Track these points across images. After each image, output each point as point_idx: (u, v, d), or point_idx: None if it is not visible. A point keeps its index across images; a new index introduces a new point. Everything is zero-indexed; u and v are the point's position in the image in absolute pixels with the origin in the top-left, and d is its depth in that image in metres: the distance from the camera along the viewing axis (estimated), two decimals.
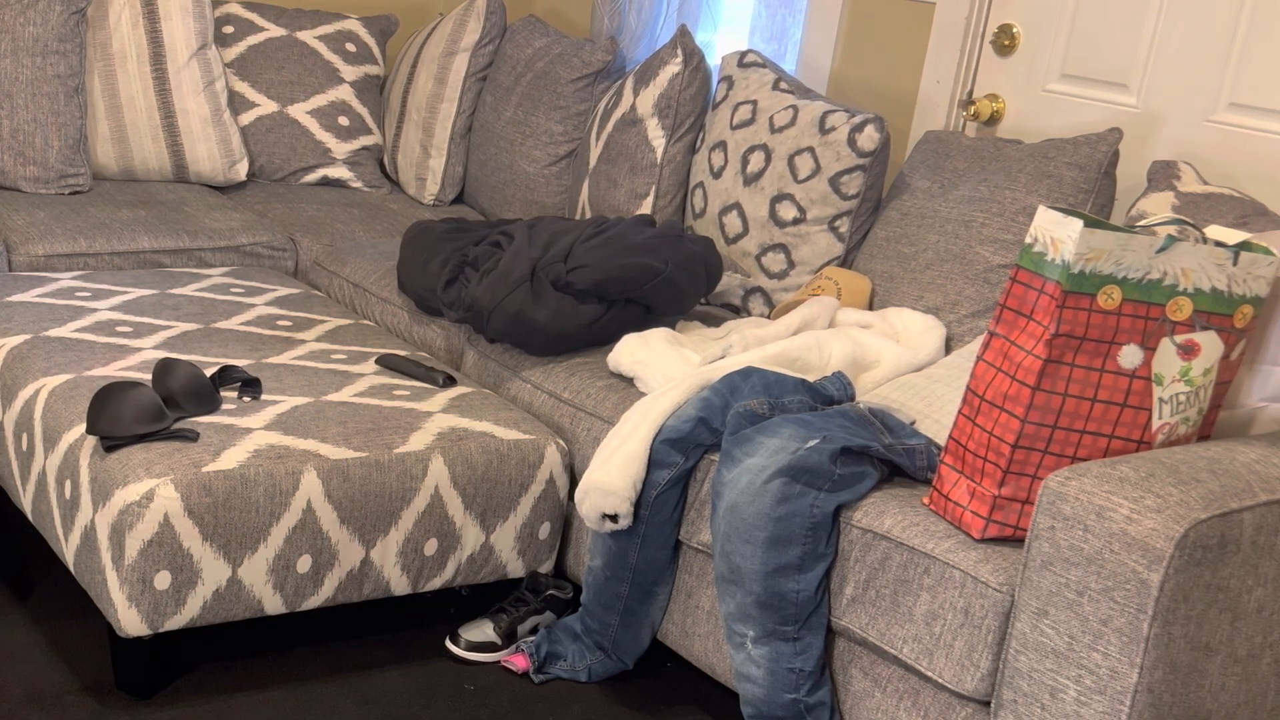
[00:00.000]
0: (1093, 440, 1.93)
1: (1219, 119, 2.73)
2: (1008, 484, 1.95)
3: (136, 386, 2.19)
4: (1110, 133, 2.67)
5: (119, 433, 2.13)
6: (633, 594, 2.34)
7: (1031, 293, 1.91)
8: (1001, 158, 2.77)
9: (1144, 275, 1.89)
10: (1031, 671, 1.82)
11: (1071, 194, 2.64)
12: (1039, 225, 1.90)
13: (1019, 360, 1.92)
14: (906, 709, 2.03)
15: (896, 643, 2.01)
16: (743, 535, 2.08)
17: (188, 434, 2.17)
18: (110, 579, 2.08)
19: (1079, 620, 1.76)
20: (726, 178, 3.04)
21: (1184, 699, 1.78)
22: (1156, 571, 1.69)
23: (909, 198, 2.87)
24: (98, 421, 2.14)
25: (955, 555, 1.96)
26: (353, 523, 2.23)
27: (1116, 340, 1.90)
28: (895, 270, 2.81)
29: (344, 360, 2.63)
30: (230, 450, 2.16)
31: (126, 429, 2.13)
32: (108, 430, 2.13)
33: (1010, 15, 3.08)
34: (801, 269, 2.92)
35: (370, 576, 2.28)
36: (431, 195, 3.83)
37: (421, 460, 2.29)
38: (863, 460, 2.12)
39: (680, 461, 2.28)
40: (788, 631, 2.08)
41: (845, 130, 2.85)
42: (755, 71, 3.14)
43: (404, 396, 2.48)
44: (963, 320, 2.67)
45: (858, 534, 2.06)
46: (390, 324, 3.04)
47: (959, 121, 3.17)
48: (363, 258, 3.23)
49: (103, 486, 2.10)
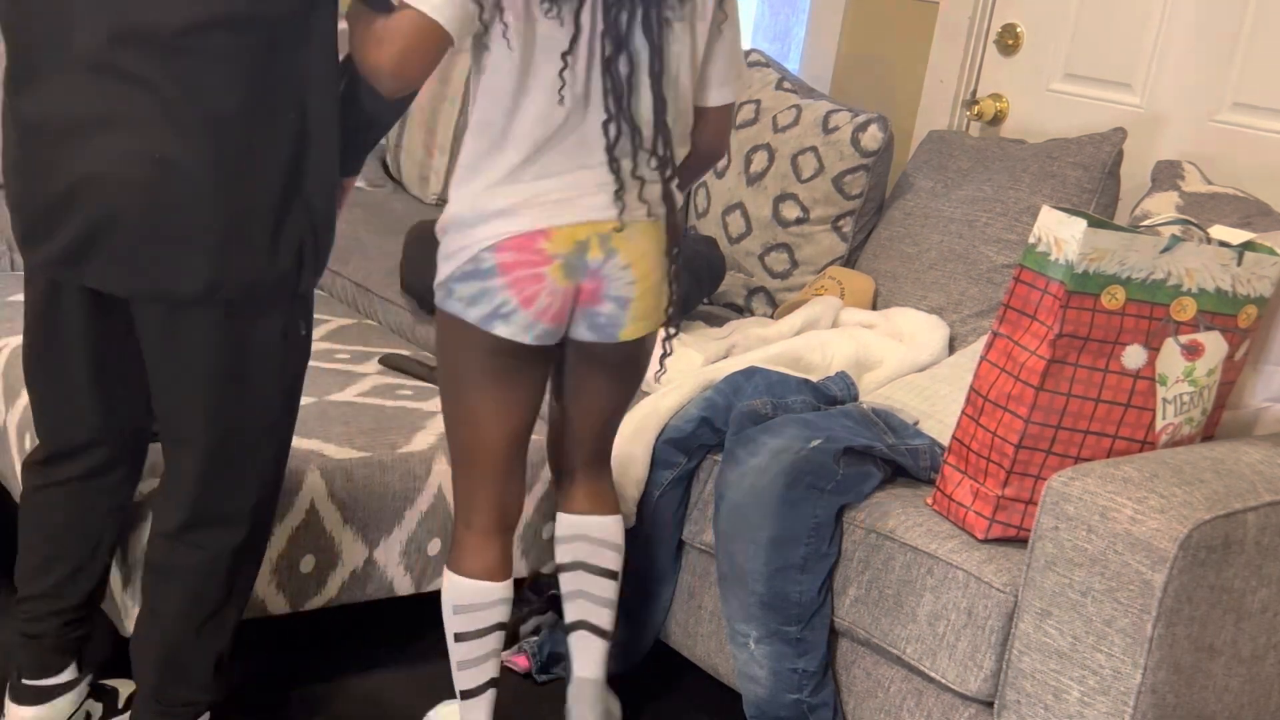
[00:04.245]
0: (1096, 441, 1.92)
1: (1223, 119, 2.73)
2: (1011, 484, 1.94)
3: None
4: (1114, 132, 2.67)
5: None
6: (635, 594, 2.34)
7: (1035, 293, 1.91)
8: (1005, 157, 2.77)
9: (1148, 275, 1.89)
10: (1035, 672, 1.82)
11: (1075, 194, 2.63)
12: (1043, 225, 1.90)
13: (1022, 360, 1.92)
14: (910, 709, 2.03)
15: (900, 643, 2.01)
16: (746, 535, 2.08)
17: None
18: (114, 579, 2.08)
19: (1083, 621, 1.76)
20: (730, 177, 3.04)
21: (1188, 700, 1.78)
22: (1160, 572, 1.69)
23: (912, 197, 2.87)
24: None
25: (959, 556, 1.95)
26: (356, 522, 2.23)
27: (1120, 340, 1.90)
28: (899, 270, 2.81)
29: (347, 360, 2.62)
30: None
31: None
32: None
33: (1014, 15, 3.08)
34: (805, 269, 2.92)
35: (373, 576, 2.28)
36: (435, 194, 3.83)
37: (425, 460, 2.29)
38: (866, 460, 2.12)
39: (683, 462, 2.28)
40: (791, 632, 2.07)
41: (849, 130, 2.85)
42: (758, 71, 3.14)
43: (407, 396, 2.48)
44: (966, 320, 2.66)
45: (861, 534, 2.06)
46: (393, 323, 3.04)
47: (963, 121, 3.16)
48: (365, 257, 3.23)
49: None
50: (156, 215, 1.65)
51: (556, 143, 1.78)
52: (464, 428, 1.92)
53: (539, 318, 1.82)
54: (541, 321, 1.82)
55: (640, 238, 1.84)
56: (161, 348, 1.76)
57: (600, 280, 1.83)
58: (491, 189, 1.79)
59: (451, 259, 1.82)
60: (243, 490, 1.86)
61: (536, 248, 1.79)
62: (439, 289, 1.86)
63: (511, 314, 1.81)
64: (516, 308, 1.80)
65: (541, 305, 1.81)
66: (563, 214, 1.79)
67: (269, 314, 1.77)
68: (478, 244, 1.79)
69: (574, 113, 1.78)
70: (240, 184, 1.67)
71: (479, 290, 1.80)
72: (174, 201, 1.65)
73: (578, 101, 1.77)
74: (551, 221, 1.78)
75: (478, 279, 1.80)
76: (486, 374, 1.88)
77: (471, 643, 1.97)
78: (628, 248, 1.83)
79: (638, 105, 1.79)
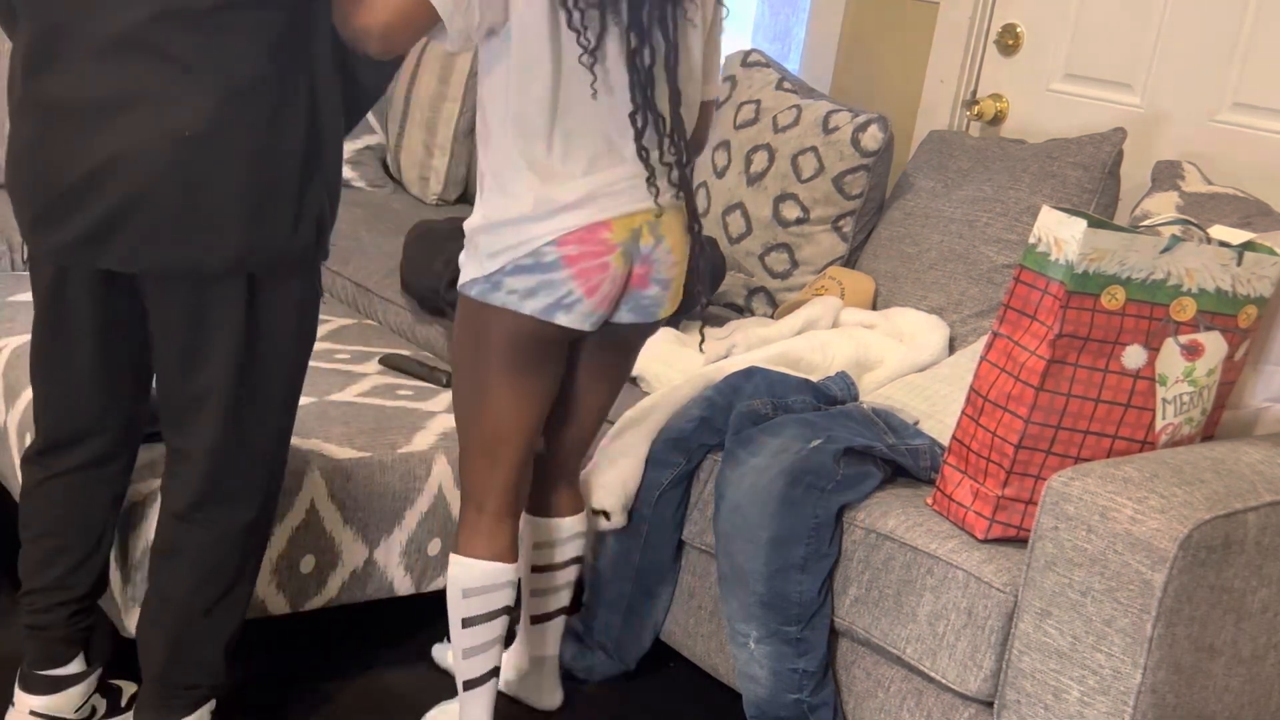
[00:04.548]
0: (1096, 441, 1.92)
1: (1223, 119, 2.73)
2: (1011, 484, 1.94)
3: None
4: (1114, 132, 2.67)
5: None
6: (635, 594, 2.34)
7: (1035, 293, 1.91)
8: (1005, 157, 2.77)
9: (1148, 275, 1.89)
10: (1035, 672, 1.82)
11: (1075, 194, 2.63)
12: (1043, 225, 1.90)
13: (1022, 360, 1.92)
14: (910, 709, 2.03)
15: (900, 643, 2.01)
16: (746, 535, 2.08)
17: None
18: (114, 579, 2.08)
19: (1082, 621, 1.76)
20: (730, 177, 3.04)
21: (1188, 700, 1.78)
22: (1160, 572, 1.69)
23: (912, 197, 2.87)
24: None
25: (959, 556, 1.95)
26: (356, 522, 2.23)
27: (1120, 341, 1.90)
28: (899, 270, 2.81)
29: (347, 360, 2.62)
30: None
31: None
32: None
33: (1014, 15, 3.08)
34: (805, 269, 2.92)
35: (374, 576, 2.28)
36: (435, 194, 3.83)
37: (425, 460, 2.29)
38: (866, 460, 2.12)
39: (683, 461, 2.28)
40: (790, 632, 2.07)
41: (849, 130, 2.85)
42: (759, 71, 3.14)
43: (407, 396, 2.48)
44: (966, 320, 2.66)
45: (861, 534, 2.06)
46: (393, 324, 3.04)
47: (963, 121, 3.16)
48: (365, 257, 3.23)
49: None
50: (187, 191, 1.68)
51: (595, 136, 1.84)
52: (489, 416, 1.96)
53: (599, 306, 1.89)
54: (600, 309, 1.90)
55: (674, 221, 1.92)
56: (184, 325, 1.77)
57: (650, 265, 1.91)
58: (547, 184, 1.83)
59: (501, 254, 1.85)
60: (254, 467, 1.88)
61: (600, 238, 1.85)
62: (478, 283, 1.88)
63: (575, 304, 1.86)
64: (580, 298, 1.86)
65: (604, 294, 1.88)
66: (619, 204, 1.86)
67: (289, 285, 1.81)
68: (539, 238, 1.83)
69: (606, 106, 1.83)
70: (266, 158, 1.71)
71: (539, 283, 1.85)
72: (203, 177, 1.68)
73: (608, 94, 1.83)
74: (612, 212, 1.85)
75: (538, 272, 1.84)
76: (519, 364, 1.92)
77: (480, 627, 2.01)
78: (670, 232, 1.91)
79: (658, 97, 1.86)
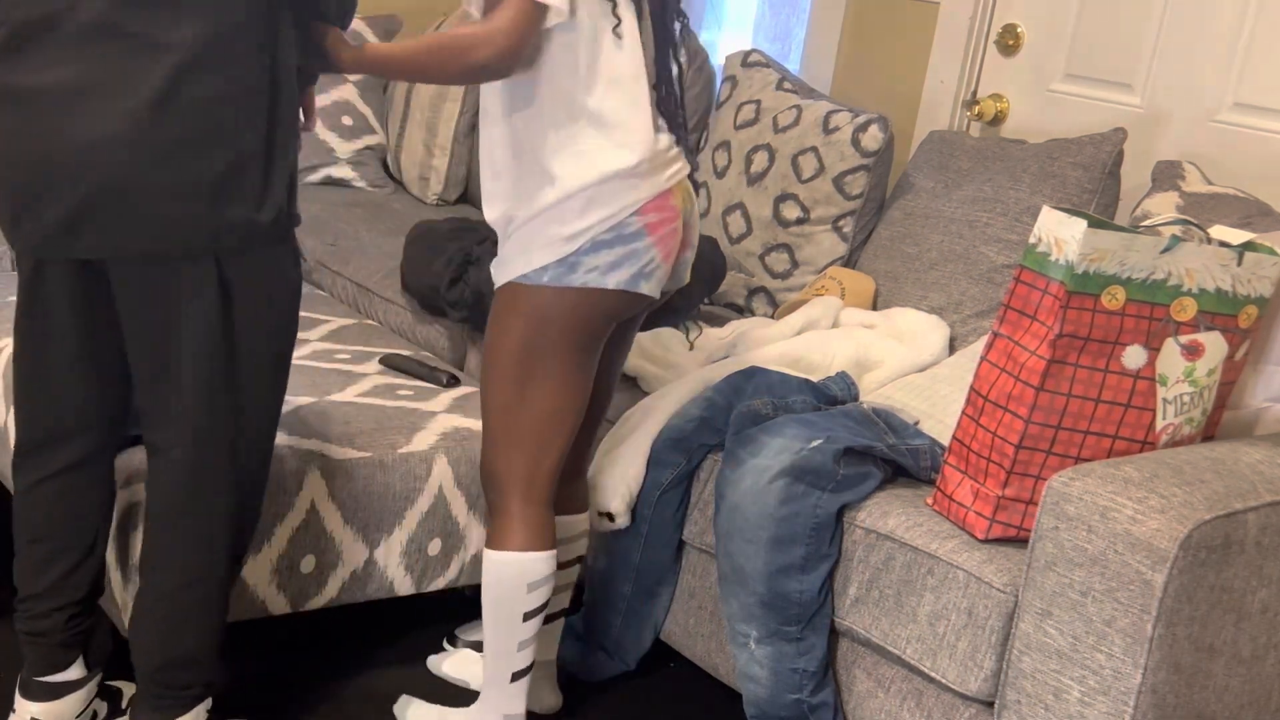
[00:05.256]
0: (1096, 441, 1.93)
1: (1224, 119, 2.73)
2: (1011, 484, 1.94)
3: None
4: (1115, 133, 2.67)
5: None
6: (635, 594, 2.34)
7: (1035, 293, 1.91)
8: (1006, 158, 2.77)
9: (1148, 276, 1.89)
10: (1035, 672, 1.82)
11: (1076, 194, 2.64)
12: (1043, 225, 1.90)
13: (1023, 360, 1.92)
14: (910, 710, 2.03)
15: (900, 643, 2.01)
16: (746, 535, 2.08)
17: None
18: (115, 580, 2.08)
19: (1083, 621, 1.76)
20: (730, 177, 3.04)
21: (1188, 700, 1.78)
22: (1160, 572, 1.69)
23: (913, 197, 2.87)
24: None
25: (959, 556, 1.95)
26: (356, 522, 2.23)
27: (1120, 341, 1.90)
28: (899, 270, 2.81)
29: (347, 360, 2.63)
30: None
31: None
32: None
33: (1014, 15, 3.08)
34: (805, 269, 2.92)
35: (374, 576, 2.28)
36: (435, 195, 3.83)
37: (425, 460, 2.29)
38: (866, 461, 2.12)
39: (683, 462, 2.28)
40: (791, 632, 2.07)
41: (849, 130, 2.85)
42: (759, 71, 3.14)
43: (407, 396, 2.48)
44: (966, 320, 2.66)
45: (861, 534, 2.06)
46: (394, 324, 3.04)
47: (963, 121, 3.16)
48: (366, 257, 3.23)
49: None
50: (156, 172, 1.67)
51: (638, 108, 1.89)
52: (547, 400, 1.95)
53: (669, 273, 1.97)
54: (668, 276, 1.97)
55: (690, 186, 2.00)
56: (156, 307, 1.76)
57: (690, 228, 2.00)
58: (609, 156, 1.86)
59: (577, 237, 1.87)
60: (235, 458, 1.86)
61: (670, 204, 1.92)
62: (550, 269, 1.88)
63: (654, 271, 1.92)
64: (659, 264, 1.92)
65: (673, 259, 1.96)
66: (676, 171, 1.94)
67: (263, 258, 1.80)
68: (621, 211, 1.87)
69: (639, 81, 1.89)
70: (234, 134, 1.70)
71: (623, 254, 1.88)
72: (171, 156, 1.67)
73: (639, 70, 1.89)
74: (674, 180, 1.93)
75: (621, 244, 1.87)
76: (585, 343, 1.94)
77: (538, 618, 2.02)
78: (693, 197, 2.01)
79: (671, 73, 1.96)
